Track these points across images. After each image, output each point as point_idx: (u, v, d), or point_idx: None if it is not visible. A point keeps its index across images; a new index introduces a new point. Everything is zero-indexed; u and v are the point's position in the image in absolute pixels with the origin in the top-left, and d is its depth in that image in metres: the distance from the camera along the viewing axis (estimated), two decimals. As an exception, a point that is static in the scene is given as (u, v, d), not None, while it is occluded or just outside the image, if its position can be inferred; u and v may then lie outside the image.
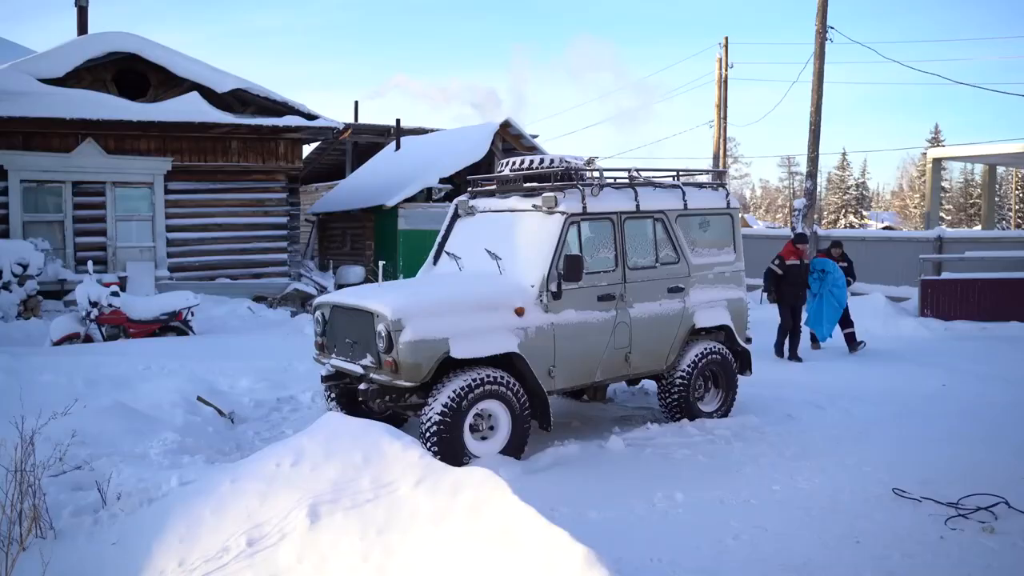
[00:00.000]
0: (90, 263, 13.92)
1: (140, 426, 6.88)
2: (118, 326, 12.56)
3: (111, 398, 7.43)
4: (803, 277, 12.27)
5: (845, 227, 68.20)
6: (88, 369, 9.18)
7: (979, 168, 49.95)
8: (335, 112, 29.77)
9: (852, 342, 12.75)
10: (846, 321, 12.71)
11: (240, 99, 17.10)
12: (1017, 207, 64.05)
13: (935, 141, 68.91)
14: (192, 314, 13.16)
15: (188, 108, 16.19)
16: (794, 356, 12.10)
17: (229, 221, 17.44)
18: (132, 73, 16.60)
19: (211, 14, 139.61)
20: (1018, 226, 59.09)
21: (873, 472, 6.51)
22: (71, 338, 12.22)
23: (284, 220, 18.03)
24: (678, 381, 7.92)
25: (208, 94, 16.64)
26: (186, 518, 4.64)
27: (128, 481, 5.60)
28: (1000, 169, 44.17)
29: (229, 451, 7.01)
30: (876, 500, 5.91)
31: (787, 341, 12.21)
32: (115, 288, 12.85)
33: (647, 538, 5.16)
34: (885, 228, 52.01)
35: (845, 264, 13.07)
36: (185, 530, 4.55)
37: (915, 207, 69.71)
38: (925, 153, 40.26)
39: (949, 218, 67.54)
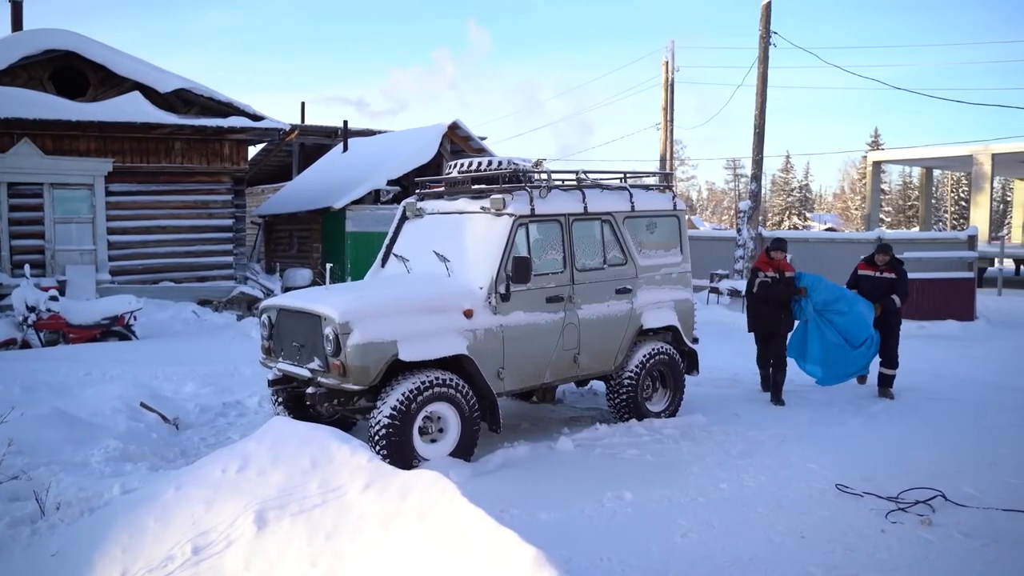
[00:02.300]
0: (27, 267, 13.59)
1: (81, 434, 6.73)
2: (57, 331, 12.28)
3: (50, 405, 7.25)
4: (780, 295, 9.19)
5: (789, 228, 69.47)
6: (25, 376, 8.96)
7: (917, 171, 51.35)
8: (281, 113, 29.52)
9: (885, 383, 9.52)
10: (889, 357, 9.48)
11: (184, 99, 16.80)
12: (953, 209, 65.91)
13: (875, 145, 70.59)
14: (135, 318, 12.93)
15: (129, 108, 15.84)
16: (775, 396, 9.19)
17: (173, 223, 17.11)
18: (70, 71, 16.20)
19: (153, 12, 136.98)
20: (954, 227, 60.84)
21: (817, 469, 6.64)
22: (7, 344, 11.93)
23: (229, 222, 17.74)
24: (626, 382, 7.99)
25: (150, 94, 16.31)
26: (129, 527, 4.54)
27: (68, 490, 5.48)
28: (936, 172, 45.40)
29: (174, 458, 6.88)
30: (820, 496, 6.03)
31: (770, 374, 9.40)
32: (54, 292, 12.58)
33: (597, 538, 5.20)
34: (828, 230, 53.09)
35: (892, 276, 9.51)
36: (128, 539, 4.46)
37: (856, 209, 71.34)
38: (865, 156, 41.27)
39: (889, 219, 69.26)
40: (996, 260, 23.45)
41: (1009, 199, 58.32)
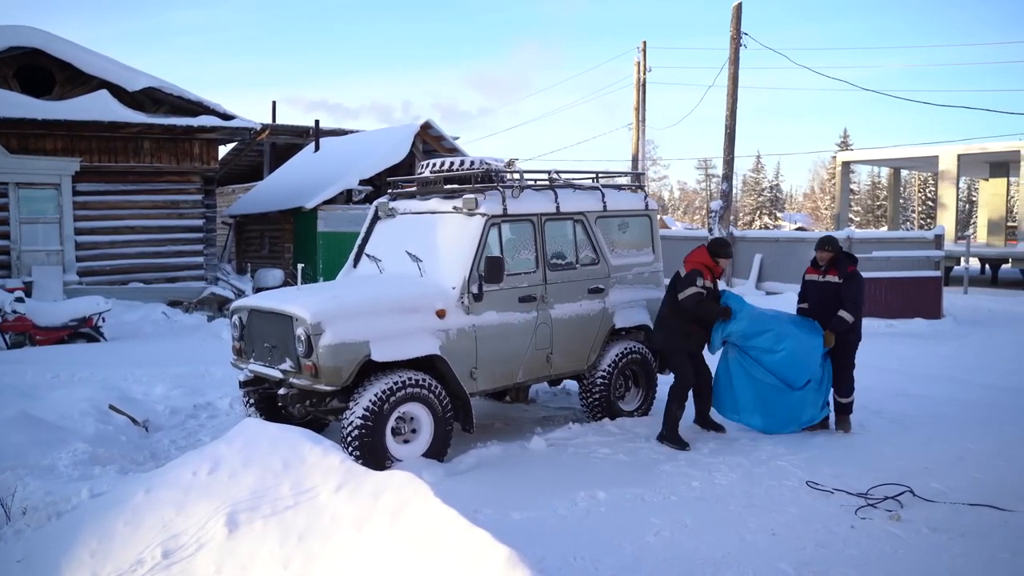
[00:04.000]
0: (-8, 268, 13.36)
1: (48, 437, 6.64)
2: (23, 333, 12.11)
3: (16, 408, 7.14)
4: (710, 313, 7.43)
5: (760, 228, 70.06)
6: (-9, 378, 8.82)
7: (885, 171, 52.00)
8: (252, 112, 29.31)
9: (841, 412, 7.80)
10: (840, 384, 7.73)
11: (153, 98, 16.63)
12: (920, 209, 66.78)
13: (844, 145, 71.38)
14: (103, 320, 12.78)
15: (97, 106, 15.65)
16: (671, 434, 7.30)
17: (142, 223, 16.94)
18: (36, 69, 15.98)
19: (121, 10, 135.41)
20: (921, 227, 61.63)
21: (788, 466, 6.70)
22: (-28, 346, 11.74)
23: (200, 222, 17.59)
24: (599, 381, 8.01)
25: (118, 92, 16.12)
26: (98, 531, 4.49)
27: (35, 495, 5.40)
28: (904, 172, 45.98)
29: (143, 461, 6.81)
30: (791, 493, 6.09)
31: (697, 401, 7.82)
32: (20, 294, 12.42)
33: (570, 537, 5.20)
34: (798, 229, 53.59)
35: (837, 280, 7.57)
36: (97, 544, 4.40)
37: (826, 208, 72.07)
38: (835, 157, 41.68)
39: (857, 219, 70.04)
40: (962, 259, 23.77)
41: (975, 199, 59.23)
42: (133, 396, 8.51)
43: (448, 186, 7.75)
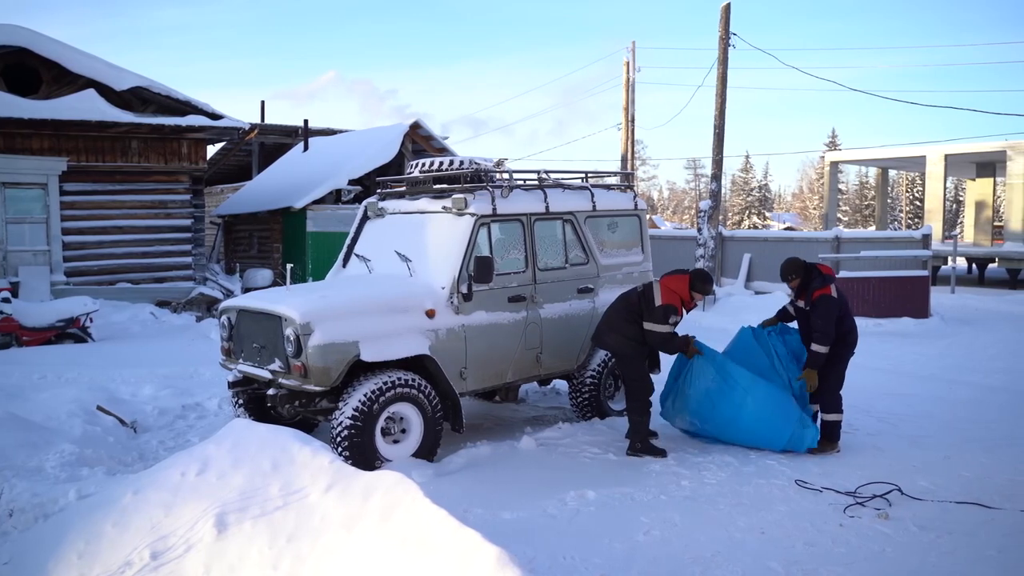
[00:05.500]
0: (-22, 268, 13.27)
1: (35, 438, 6.60)
2: (10, 334, 12.04)
3: (3, 409, 7.10)
4: (668, 348, 7.26)
5: (749, 228, 70.24)
6: (-23, 379, 8.77)
7: (873, 171, 52.23)
8: (241, 112, 29.19)
9: (830, 432, 7.15)
10: (825, 399, 7.18)
11: (140, 97, 16.54)
12: (908, 208, 67.12)
13: (832, 145, 71.65)
14: (91, 320, 12.72)
15: (84, 106, 15.56)
16: (643, 442, 7.07)
17: (130, 224, 16.86)
18: (22, 68, 15.87)
19: (108, 8, 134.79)
20: (909, 226, 61.94)
21: (776, 465, 6.72)
22: (-42, 347, 11.66)
23: (188, 222, 17.52)
24: (588, 380, 8.02)
25: (106, 92, 16.03)
26: (85, 533, 4.47)
27: (22, 496, 5.38)
28: (892, 172, 46.19)
29: (131, 462, 6.79)
30: (780, 491, 6.11)
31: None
32: (6, 294, 12.34)
33: (560, 536, 5.21)
34: (787, 229, 53.79)
35: (794, 306, 7.38)
36: (84, 545, 4.38)
37: (814, 208, 72.36)
38: (823, 157, 41.83)
39: (846, 219, 70.36)
40: (949, 259, 23.89)
41: (961, 199, 59.54)
42: (121, 397, 8.47)
43: (437, 186, 7.74)
